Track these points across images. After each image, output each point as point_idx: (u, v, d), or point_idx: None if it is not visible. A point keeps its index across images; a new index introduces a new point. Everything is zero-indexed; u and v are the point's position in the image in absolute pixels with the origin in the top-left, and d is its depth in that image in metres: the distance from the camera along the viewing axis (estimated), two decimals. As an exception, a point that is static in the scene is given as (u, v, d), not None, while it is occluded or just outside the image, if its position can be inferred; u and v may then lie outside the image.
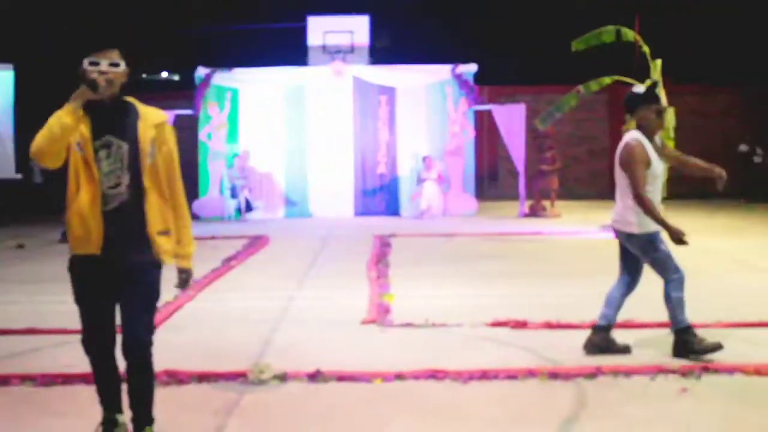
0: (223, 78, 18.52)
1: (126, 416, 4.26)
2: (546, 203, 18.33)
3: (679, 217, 15.75)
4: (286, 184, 18.65)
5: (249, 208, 18.01)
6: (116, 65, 3.99)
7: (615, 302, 6.14)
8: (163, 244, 4.16)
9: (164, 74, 31.17)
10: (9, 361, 6.16)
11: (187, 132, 18.93)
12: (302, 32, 20.16)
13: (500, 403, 4.97)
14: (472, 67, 18.75)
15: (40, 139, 3.90)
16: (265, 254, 12.37)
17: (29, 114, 18.30)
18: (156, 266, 4.18)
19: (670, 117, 14.96)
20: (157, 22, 22.26)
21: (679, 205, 16.39)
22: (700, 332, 5.95)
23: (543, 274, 10.16)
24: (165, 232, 4.17)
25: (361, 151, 18.80)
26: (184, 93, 22.74)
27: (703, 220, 15.97)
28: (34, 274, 10.78)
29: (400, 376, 5.43)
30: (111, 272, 4.06)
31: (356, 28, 19.25)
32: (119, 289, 4.10)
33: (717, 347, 5.78)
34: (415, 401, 5.05)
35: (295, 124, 18.66)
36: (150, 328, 4.20)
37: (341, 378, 5.44)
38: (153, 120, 4.15)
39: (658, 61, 14.93)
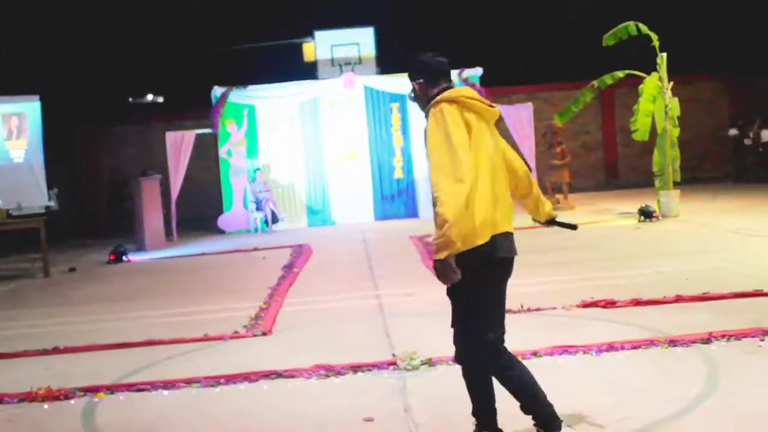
0: (238, 96, 19.09)
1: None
2: (559, 196, 19.05)
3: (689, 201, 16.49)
4: (307, 194, 19.27)
5: (275, 219, 18.57)
6: None
7: None
8: None
9: (149, 96, 31.60)
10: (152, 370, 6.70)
11: (206, 149, 19.54)
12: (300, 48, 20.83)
13: (640, 369, 5.61)
14: (477, 71, 19.46)
15: None
16: (317, 260, 12.95)
17: (57, 144, 18.80)
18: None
19: (674, 107, 15.73)
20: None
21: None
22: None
23: (594, 260, 10.86)
24: None
25: (377, 157, 19.45)
26: (176, 113, 23.33)
27: (708, 204, 16.75)
28: (96, 294, 11.25)
29: (536, 353, 6.06)
30: None
31: (362, 39, 19.91)
32: None
33: None
34: (560, 373, 5.67)
35: (312, 135, 19.29)
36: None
37: (484, 359, 6.05)
38: None
39: (664, 55, 15.69)
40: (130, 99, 28.77)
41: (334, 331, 7.68)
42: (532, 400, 4.18)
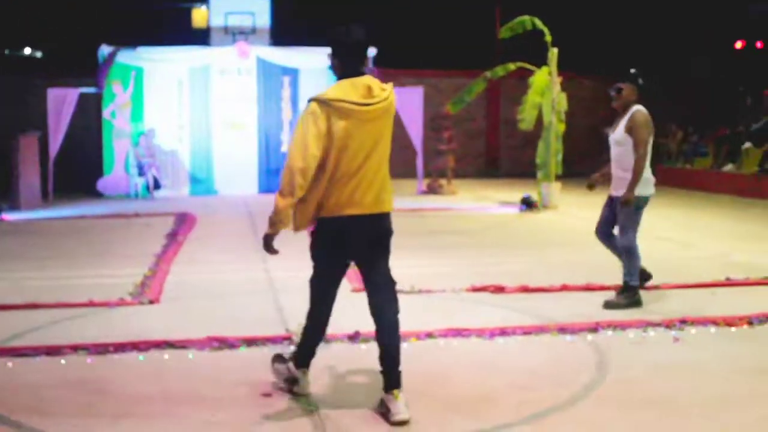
0: (127, 56, 18.52)
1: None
2: (443, 181, 19.31)
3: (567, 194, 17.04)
4: (191, 162, 18.89)
5: (157, 185, 18.15)
6: None
7: None
8: None
9: (27, 50, 30.35)
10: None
11: (91, 110, 18.88)
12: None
13: (532, 354, 5.76)
14: (371, 50, 19.48)
15: None
16: (202, 230, 12.72)
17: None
18: None
19: (561, 101, 16.16)
20: None
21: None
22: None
23: (480, 246, 11.09)
24: None
25: (265, 129, 19.26)
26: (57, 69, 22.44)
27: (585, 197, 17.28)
28: None
29: (430, 335, 6.14)
30: None
31: (257, 9, 19.61)
32: None
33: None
34: (454, 356, 5.77)
35: (200, 102, 18.90)
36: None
37: (378, 338, 6.08)
38: None
39: (555, 50, 16.07)
40: (6, 51, 27.54)
41: (224, 302, 7.58)
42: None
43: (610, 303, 7.15)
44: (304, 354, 5.00)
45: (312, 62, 19.23)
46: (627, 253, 7.20)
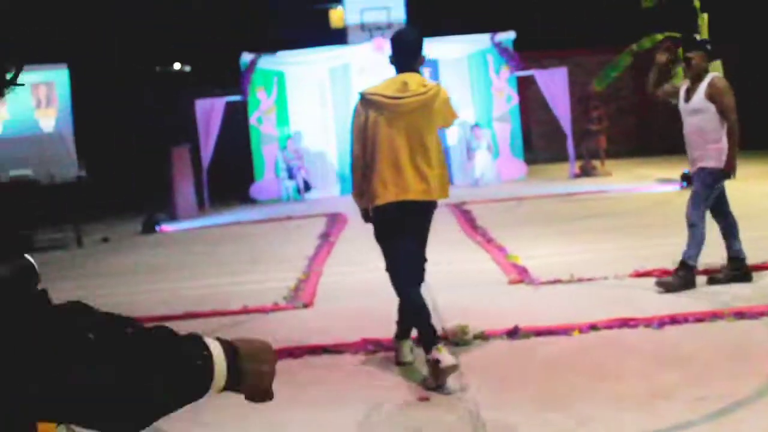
0: (268, 62, 18.79)
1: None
2: (596, 162, 18.66)
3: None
4: (338, 162, 18.97)
5: (307, 187, 18.34)
6: None
7: None
8: None
9: (176, 65, 31.34)
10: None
11: (237, 118, 19.26)
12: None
13: (708, 344, 5.32)
14: (510, 35, 19.06)
15: None
16: (353, 230, 12.67)
17: (86, 113, 18.63)
18: None
19: (717, 70, 15.23)
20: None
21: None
22: None
23: (640, 227, 10.53)
24: None
25: (410, 124, 19.13)
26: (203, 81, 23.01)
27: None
28: (130, 264, 11.07)
29: (594, 327, 5.78)
30: None
31: (392, 4, 19.49)
32: None
33: None
34: (622, 348, 5.40)
35: (343, 102, 18.91)
36: None
37: (539, 333, 5.79)
38: None
39: (705, 16, 15.20)
40: (157, 68, 28.53)
41: (376, 303, 7.41)
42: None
43: (664, 283, 6.75)
44: (402, 328, 5.51)
45: (451, 52, 18.97)
46: (690, 230, 6.74)
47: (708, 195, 6.74)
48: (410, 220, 5.10)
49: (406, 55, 5.08)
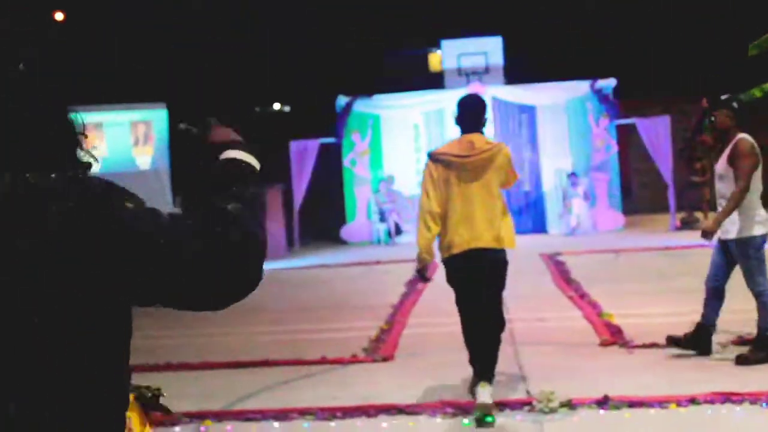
0: (363, 105, 18.73)
1: None
2: (699, 215, 17.91)
3: None
4: (430, 207, 18.71)
5: (398, 231, 18.13)
6: None
7: None
8: None
9: (276, 106, 31.72)
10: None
11: (331, 159, 19.23)
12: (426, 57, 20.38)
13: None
14: (611, 81, 18.54)
15: None
16: (442, 276, 12.32)
17: (184, 153, 18.90)
18: None
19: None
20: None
21: None
22: None
23: (744, 287, 9.87)
24: None
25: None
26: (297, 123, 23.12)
27: None
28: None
29: (693, 400, 5.32)
30: None
31: (490, 48, 19.20)
32: None
33: None
34: (725, 426, 4.93)
35: (436, 146, 18.71)
36: None
37: (632, 404, 5.35)
38: None
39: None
40: (257, 108, 28.90)
41: (460, 358, 7.05)
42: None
43: (742, 358, 6.24)
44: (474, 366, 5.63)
45: (548, 98, 18.60)
46: (759, 300, 6.32)
47: (757, 263, 6.33)
48: (483, 267, 5.50)
49: (471, 118, 5.60)
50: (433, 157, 5.61)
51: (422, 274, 5.90)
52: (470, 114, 5.62)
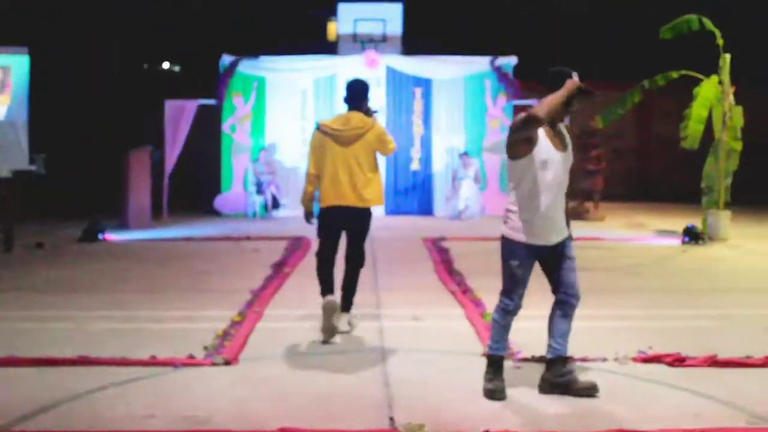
0: (249, 66, 17.38)
1: None
2: (589, 205, 17.26)
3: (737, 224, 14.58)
4: (313, 180, 17.53)
5: (276, 204, 16.89)
6: None
7: None
8: None
9: (165, 65, 29.88)
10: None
11: (209, 123, 17.77)
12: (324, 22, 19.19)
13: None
14: (511, 60, 17.71)
15: None
16: (313, 259, 11.21)
17: (43, 102, 17.12)
18: None
19: (737, 116, 13.88)
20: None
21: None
22: None
23: (643, 290, 9.08)
24: None
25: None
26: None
27: (757, 228, 14.97)
28: (53, 280, 9.52)
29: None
30: None
31: (389, 16, 18.09)
32: None
33: None
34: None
35: (325, 115, 17.49)
36: None
37: (516, 442, 4.33)
38: None
39: (727, 56, 13.87)
40: (145, 65, 27.05)
41: (315, 364, 5.95)
42: None
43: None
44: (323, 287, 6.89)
45: (446, 72, 17.66)
46: None
47: None
48: (345, 220, 6.79)
49: (353, 99, 6.80)
50: (319, 126, 6.79)
51: (307, 218, 7.10)
52: (352, 95, 6.81)
